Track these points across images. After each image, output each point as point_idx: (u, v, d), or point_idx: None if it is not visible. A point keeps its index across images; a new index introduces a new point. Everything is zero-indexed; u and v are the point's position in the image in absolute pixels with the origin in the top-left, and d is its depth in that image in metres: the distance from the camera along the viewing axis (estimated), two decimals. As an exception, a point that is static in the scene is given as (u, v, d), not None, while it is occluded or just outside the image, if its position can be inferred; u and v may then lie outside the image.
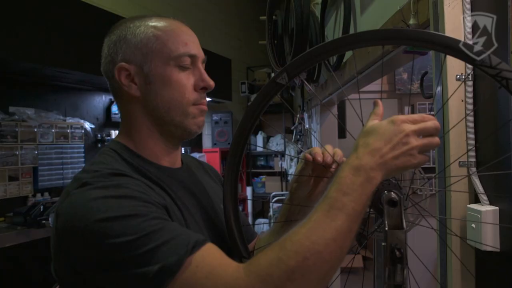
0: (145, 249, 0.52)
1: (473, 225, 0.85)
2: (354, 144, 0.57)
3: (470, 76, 0.89)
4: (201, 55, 0.71)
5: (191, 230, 0.64)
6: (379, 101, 0.60)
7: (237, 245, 0.63)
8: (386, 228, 0.51)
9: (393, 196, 0.54)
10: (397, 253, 0.49)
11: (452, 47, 0.54)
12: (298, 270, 0.50)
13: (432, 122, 0.55)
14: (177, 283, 0.52)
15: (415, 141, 0.54)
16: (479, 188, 0.87)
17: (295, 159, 4.06)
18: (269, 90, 0.60)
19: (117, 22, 0.71)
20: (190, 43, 0.69)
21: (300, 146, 3.37)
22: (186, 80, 0.69)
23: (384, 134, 0.54)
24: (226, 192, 0.63)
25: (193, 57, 0.69)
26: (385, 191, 0.55)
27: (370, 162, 0.53)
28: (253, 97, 4.78)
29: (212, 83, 0.71)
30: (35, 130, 2.64)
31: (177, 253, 0.52)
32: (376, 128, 0.56)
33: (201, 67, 0.71)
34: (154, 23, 0.69)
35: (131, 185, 0.59)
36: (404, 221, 0.52)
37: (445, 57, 0.92)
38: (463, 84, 0.91)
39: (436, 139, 0.55)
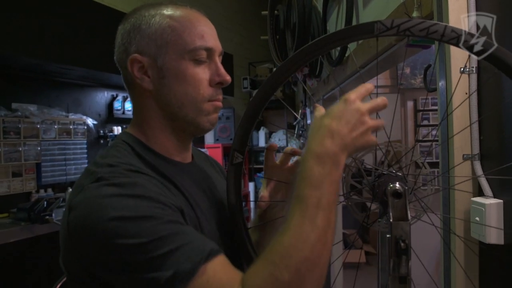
0: (158, 253, 0.51)
1: (477, 218, 0.85)
2: (309, 131, 0.56)
3: (474, 69, 0.89)
4: (218, 47, 0.68)
5: (205, 229, 0.64)
6: (316, 104, 0.62)
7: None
8: (391, 220, 0.51)
9: (397, 188, 0.54)
10: (402, 244, 0.49)
11: (351, 35, 0.58)
12: (293, 282, 0.49)
13: (381, 99, 0.55)
14: None
15: (370, 121, 0.54)
16: (483, 181, 0.87)
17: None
18: (234, 174, 0.63)
19: (131, 10, 0.69)
20: (206, 35, 0.66)
21: (302, 141, 3.37)
22: (202, 74, 0.66)
23: (342, 115, 0.53)
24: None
25: (209, 51, 0.66)
26: (390, 184, 0.55)
27: (332, 146, 0.52)
28: (254, 92, 4.78)
29: (228, 78, 0.68)
30: (38, 126, 2.65)
31: (191, 261, 0.51)
32: (331, 111, 0.55)
33: (218, 60, 0.69)
34: (170, 12, 0.66)
35: (148, 184, 0.57)
36: (409, 212, 0.51)
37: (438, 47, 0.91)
38: (466, 76, 0.90)
39: (381, 121, 0.56)
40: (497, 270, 0.86)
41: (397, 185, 0.54)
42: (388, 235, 0.51)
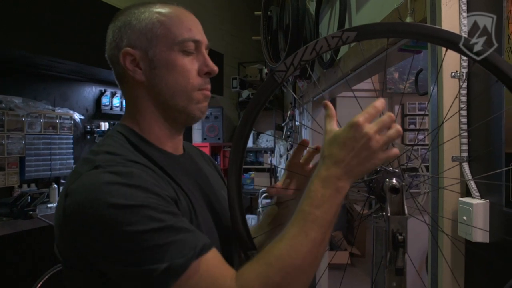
0: (153, 244, 0.52)
1: (464, 217, 0.88)
2: (321, 153, 0.60)
3: (464, 74, 0.92)
4: (204, 40, 0.72)
5: (199, 217, 0.66)
6: (327, 102, 0.63)
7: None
8: (389, 214, 0.53)
9: (395, 183, 0.56)
10: (400, 237, 0.51)
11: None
12: (283, 284, 0.55)
13: (387, 116, 0.56)
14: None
15: (376, 143, 0.55)
16: (471, 183, 0.90)
17: (285, 156, 4.08)
18: None
19: (122, 9, 0.72)
20: (194, 28, 0.70)
21: (290, 142, 3.40)
22: (190, 65, 0.69)
23: (346, 143, 0.56)
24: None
25: (197, 43, 0.70)
26: (387, 179, 0.57)
27: (336, 173, 0.57)
28: (244, 92, 4.81)
29: (215, 68, 0.71)
30: (23, 119, 2.59)
31: (184, 255, 0.53)
32: (337, 137, 0.58)
33: (205, 52, 0.72)
34: (159, 9, 0.70)
35: (144, 175, 0.59)
36: (405, 207, 0.53)
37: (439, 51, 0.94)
38: (457, 81, 0.94)
39: (394, 131, 0.56)
40: (483, 267, 0.89)
41: (394, 181, 0.56)
42: (385, 229, 0.53)
